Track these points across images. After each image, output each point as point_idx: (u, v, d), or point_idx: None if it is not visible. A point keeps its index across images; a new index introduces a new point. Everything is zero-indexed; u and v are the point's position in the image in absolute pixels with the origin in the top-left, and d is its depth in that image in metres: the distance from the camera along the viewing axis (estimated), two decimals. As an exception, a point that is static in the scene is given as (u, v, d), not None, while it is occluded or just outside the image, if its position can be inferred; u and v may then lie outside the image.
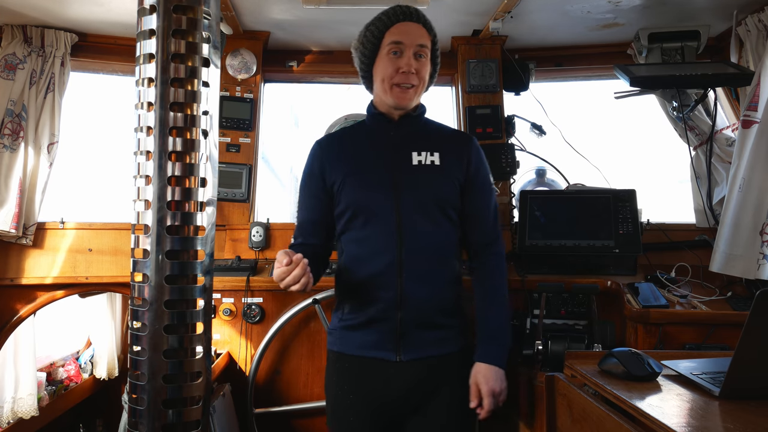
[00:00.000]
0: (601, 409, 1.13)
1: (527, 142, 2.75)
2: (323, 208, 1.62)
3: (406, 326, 1.52)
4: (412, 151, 1.60)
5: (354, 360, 1.56)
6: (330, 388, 1.62)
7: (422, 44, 1.55)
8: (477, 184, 1.64)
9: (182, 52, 0.83)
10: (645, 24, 2.45)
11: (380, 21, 1.57)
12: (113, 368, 2.98)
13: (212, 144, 0.88)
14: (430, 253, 1.55)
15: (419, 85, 1.57)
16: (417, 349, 1.54)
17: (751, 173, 2.05)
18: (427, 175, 1.58)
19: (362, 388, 1.55)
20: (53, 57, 2.45)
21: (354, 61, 1.66)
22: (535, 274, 2.28)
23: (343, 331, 1.59)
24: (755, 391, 1.06)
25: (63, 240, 2.53)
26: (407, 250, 1.52)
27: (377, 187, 1.56)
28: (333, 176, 1.59)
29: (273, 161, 3.11)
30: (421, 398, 1.55)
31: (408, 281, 1.51)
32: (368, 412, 1.55)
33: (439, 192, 1.58)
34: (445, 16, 2.43)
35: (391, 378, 1.53)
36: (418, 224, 1.54)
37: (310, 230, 1.65)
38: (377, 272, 1.52)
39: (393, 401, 1.55)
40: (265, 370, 2.37)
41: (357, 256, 1.56)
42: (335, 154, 1.63)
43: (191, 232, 0.86)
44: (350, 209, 1.56)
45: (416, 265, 1.52)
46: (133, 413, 0.84)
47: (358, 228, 1.56)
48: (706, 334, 1.91)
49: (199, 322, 0.87)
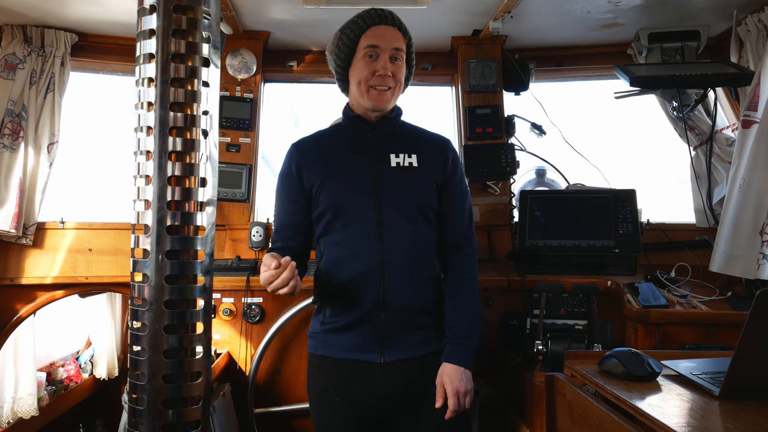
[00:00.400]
0: (601, 409, 1.13)
1: (527, 142, 2.75)
2: (301, 211, 1.61)
3: (389, 327, 1.52)
4: (390, 153, 1.60)
5: (339, 363, 1.55)
6: (313, 391, 1.60)
7: (398, 47, 1.55)
8: (453, 187, 1.64)
9: (182, 52, 0.83)
10: (645, 24, 2.45)
11: (355, 24, 1.56)
12: (113, 368, 2.98)
13: (212, 144, 0.88)
14: (411, 254, 1.55)
15: (396, 87, 1.57)
16: (401, 350, 1.54)
17: (751, 173, 2.05)
18: (406, 177, 1.58)
19: (348, 391, 1.55)
20: (53, 57, 2.46)
21: (329, 64, 1.65)
22: (535, 274, 2.28)
23: (325, 335, 1.58)
24: (755, 391, 1.05)
25: (63, 240, 2.53)
26: (388, 251, 1.52)
27: (357, 189, 1.55)
28: (311, 178, 1.58)
29: (273, 161, 3.11)
30: (409, 400, 1.55)
31: (390, 282, 1.51)
32: (354, 415, 1.54)
33: (418, 193, 1.58)
34: (445, 16, 2.43)
35: (377, 380, 1.53)
36: (398, 225, 1.54)
37: (289, 234, 1.63)
38: (359, 274, 1.52)
39: (379, 403, 1.54)
40: (265, 370, 2.37)
41: (337, 259, 1.55)
42: (312, 156, 1.62)
43: (191, 232, 0.86)
44: (330, 211, 1.55)
45: (398, 265, 1.52)
46: (133, 413, 0.84)
47: (339, 230, 1.55)
48: (706, 334, 1.91)
49: (199, 322, 0.87)
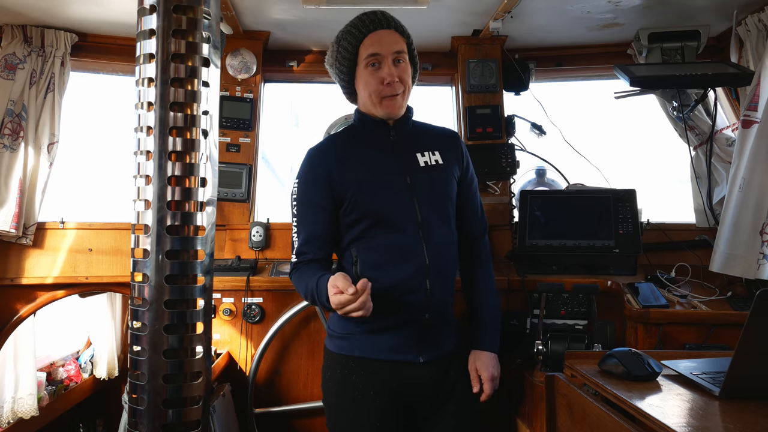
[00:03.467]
0: (601, 409, 1.13)
1: (527, 142, 2.75)
2: (330, 218, 1.55)
3: (428, 328, 1.54)
4: (416, 153, 1.59)
5: (381, 364, 1.54)
6: (344, 392, 1.55)
7: (399, 50, 1.52)
8: (468, 178, 1.68)
9: (182, 52, 0.83)
10: (645, 24, 2.45)
11: (351, 35, 1.52)
12: (113, 368, 2.98)
13: (212, 144, 0.88)
14: (448, 254, 1.57)
15: (405, 90, 1.56)
16: (434, 349, 1.56)
17: (751, 173, 2.05)
18: (437, 175, 1.58)
19: (386, 392, 1.54)
20: (53, 57, 2.45)
21: (332, 77, 1.63)
22: (535, 274, 2.28)
23: (365, 336, 1.54)
24: (755, 391, 1.06)
25: (63, 240, 2.53)
26: (431, 252, 1.52)
27: (396, 192, 1.53)
28: (344, 184, 1.52)
29: (273, 161, 3.11)
30: (443, 397, 1.57)
31: (433, 284, 1.51)
32: (390, 415, 1.54)
33: (448, 191, 1.59)
34: (445, 16, 2.43)
35: (413, 380, 1.54)
36: (436, 226, 1.54)
37: (318, 244, 1.55)
38: (405, 277, 1.50)
39: (413, 402, 1.56)
40: (265, 370, 2.37)
41: (378, 263, 1.51)
42: (340, 161, 1.56)
43: (191, 232, 0.86)
44: (370, 216, 1.51)
45: (439, 266, 1.53)
46: (133, 413, 0.84)
47: (380, 234, 1.52)
48: (706, 334, 1.91)
49: (199, 322, 0.87)
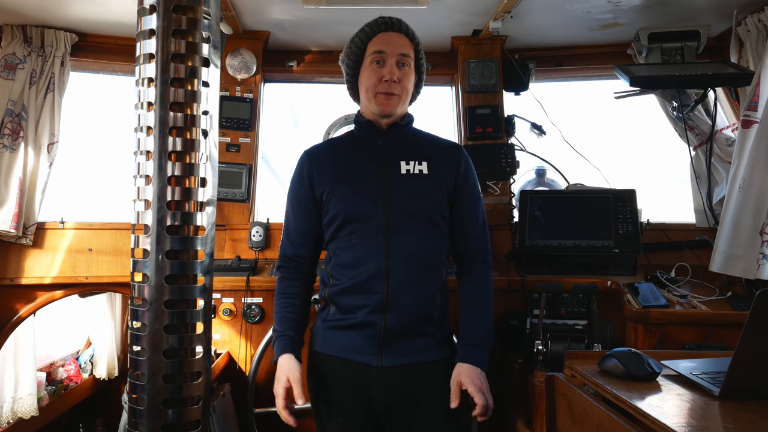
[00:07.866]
0: (601, 409, 1.13)
1: (527, 142, 2.75)
2: (312, 218, 1.63)
3: (389, 332, 1.52)
4: (400, 160, 1.60)
5: (337, 361, 1.57)
6: (313, 387, 1.63)
7: (404, 53, 1.56)
8: (466, 193, 1.65)
9: (182, 52, 0.83)
10: (645, 24, 2.45)
11: (363, 32, 1.60)
12: (113, 368, 2.98)
13: (212, 144, 0.89)
14: (417, 261, 1.55)
15: (402, 95, 1.58)
16: (398, 356, 1.53)
17: (751, 173, 2.05)
18: (416, 184, 1.58)
19: (346, 390, 1.55)
20: (53, 57, 2.45)
21: (342, 74, 1.69)
22: (535, 274, 2.28)
23: (326, 332, 1.60)
24: (755, 391, 1.05)
25: (63, 240, 2.53)
26: (394, 256, 1.52)
27: (366, 195, 1.56)
28: (321, 185, 1.60)
29: (273, 161, 3.12)
30: (406, 407, 1.55)
31: (393, 287, 1.51)
32: (353, 414, 1.55)
33: (428, 201, 1.58)
34: (445, 16, 2.43)
35: (373, 383, 1.53)
36: (405, 231, 1.54)
37: (300, 241, 1.65)
38: (364, 278, 1.53)
39: (375, 406, 1.54)
40: (265, 369, 2.36)
41: (345, 263, 1.56)
42: (323, 163, 1.64)
43: (191, 232, 0.86)
44: (339, 217, 1.57)
45: (403, 272, 1.52)
46: (133, 413, 0.84)
47: (347, 236, 1.57)
48: (706, 334, 1.91)
49: (199, 322, 0.87)
